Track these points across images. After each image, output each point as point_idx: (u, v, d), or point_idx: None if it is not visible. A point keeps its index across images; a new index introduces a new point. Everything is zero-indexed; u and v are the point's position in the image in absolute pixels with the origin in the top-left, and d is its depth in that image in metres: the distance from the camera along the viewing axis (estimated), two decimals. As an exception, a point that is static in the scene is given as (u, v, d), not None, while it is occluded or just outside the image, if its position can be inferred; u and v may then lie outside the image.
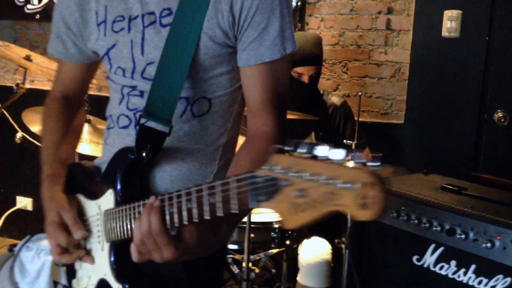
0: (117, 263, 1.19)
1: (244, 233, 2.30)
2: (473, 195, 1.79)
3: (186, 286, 1.26)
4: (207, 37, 1.15)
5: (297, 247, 2.61)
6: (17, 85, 2.69)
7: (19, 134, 3.54)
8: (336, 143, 2.76)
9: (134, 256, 1.02)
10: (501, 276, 1.54)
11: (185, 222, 0.94)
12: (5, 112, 3.50)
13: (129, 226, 1.10)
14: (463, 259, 1.63)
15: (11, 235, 3.95)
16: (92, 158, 1.68)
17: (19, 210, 3.96)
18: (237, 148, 1.28)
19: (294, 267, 2.62)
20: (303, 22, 3.31)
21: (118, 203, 1.17)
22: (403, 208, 1.77)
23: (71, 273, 1.36)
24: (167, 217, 0.97)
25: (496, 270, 1.55)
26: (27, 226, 3.91)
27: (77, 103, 1.45)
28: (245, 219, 2.28)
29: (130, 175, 1.19)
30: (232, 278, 3.11)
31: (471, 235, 1.60)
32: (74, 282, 1.34)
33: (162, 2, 1.18)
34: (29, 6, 3.90)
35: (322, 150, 0.70)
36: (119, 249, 1.19)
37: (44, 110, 1.42)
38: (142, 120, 1.18)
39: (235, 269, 2.55)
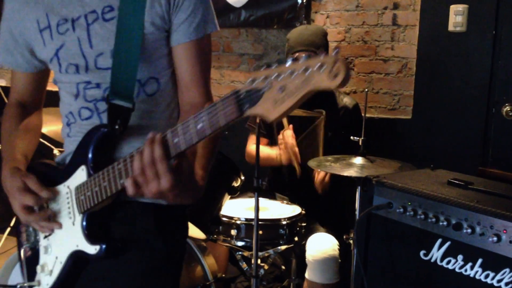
0: (91, 229, 1.34)
1: (252, 230, 2.32)
2: (479, 190, 1.79)
3: (158, 246, 1.41)
4: (149, 24, 1.37)
5: (305, 244, 2.62)
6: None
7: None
8: (345, 145, 2.76)
9: (130, 190, 1.14)
10: (507, 270, 1.54)
11: (184, 147, 1.09)
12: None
13: (107, 186, 1.25)
14: (469, 253, 1.63)
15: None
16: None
17: (31, 210, 3.99)
18: None
19: (303, 264, 2.63)
20: (309, 19, 3.32)
21: (90, 174, 1.33)
22: (409, 203, 1.78)
23: (31, 264, 1.49)
24: (170, 146, 1.11)
25: (502, 263, 1.55)
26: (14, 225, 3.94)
27: (33, 108, 1.59)
28: (253, 216, 2.30)
29: (101, 149, 1.36)
30: (241, 274, 3.13)
31: (478, 229, 1.61)
32: (38, 268, 1.46)
33: (102, 1, 1.37)
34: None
35: (288, 60, 0.96)
36: (92, 217, 1.35)
37: (3, 116, 1.56)
38: (111, 100, 1.36)
39: (244, 266, 2.57)
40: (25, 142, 1.51)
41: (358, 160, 2.43)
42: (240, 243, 2.47)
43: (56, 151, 3.39)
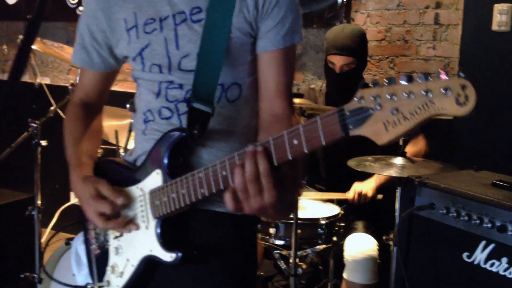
0: (166, 235, 1.31)
1: (291, 229, 2.32)
2: (525, 192, 1.75)
3: (235, 257, 1.38)
4: (236, 29, 1.33)
5: (343, 244, 2.61)
6: (72, 84, 2.78)
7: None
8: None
9: (230, 204, 1.10)
10: (555, 274, 1.51)
11: (275, 164, 1.05)
12: (60, 111, 3.63)
13: (185, 194, 1.22)
14: (515, 256, 1.61)
15: (65, 230, 4.09)
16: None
17: (73, 205, 4.09)
18: None
19: (341, 264, 2.63)
20: (348, 18, 3.30)
21: (166, 180, 1.30)
22: (452, 204, 1.76)
23: (103, 263, 1.46)
24: (274, 159, 1.06)
25: (550, 267, 1.52)
26: (80, 221, 4.04)
27: (96, 109, 1.59)
28: (292, 215, 2.30)
29: (177, 153, 1.32)
30: (279, 273, 3.14)
31: (524, 232, 1.58)
32: (108, 269, 1.44)
33: (191, 2, 1.35)
34: (81, 8, 4.04)
35: (402, 79, 0.90)
36: (166, 223, 1.32)
37: (66, 115, 1.56)
38: (191, 103, 1.32)
39: (282, 265, 2.57)
40: (92, 145, 1.50)
41: (399, 161, 2.41)
42: (278, 242, 2.47)
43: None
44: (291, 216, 2.31)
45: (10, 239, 2.90)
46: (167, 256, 1.29)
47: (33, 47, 2.92)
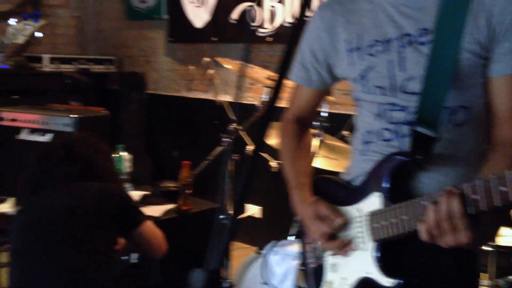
0: (385, 260, 1.29)
1: (487, 255, 2.20)
2: None
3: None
4: (466, 51, 1.27)
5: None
6: (262, 102, 2.91)
7: (250, 147, 3.83)
8: None
9: (423, 236, 1.13)
10: None
11: (484, 207, 1.03)
12: (240, 128, 3.81)
13: (407, 221, 1.20)
14: None
15: (242, 240, 4.29)
16: (324, 171, 1.80)
17: (250, 217, 4.30)
18: None
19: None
20: None
21: (386, 204, 1.29)
22: None
23: (318, 277, 1.48)
24: (468, 201, 1.06)
25: None
26: (256, 232, 4.22)
27: (308, 124, 1.64)
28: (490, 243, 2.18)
29: (398, 177, 1.30)
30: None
31: None
32: (325, 284, 1.45)
33: (417, 23, 1.31)
34: (260, 30, 4.29)
35: None
36: (385, 247, 1.30)
37: (281, 131, 1.61)
38: (414, 127, 1.30)
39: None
40: (307, 162, 1.57)
41: None
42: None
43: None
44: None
45: (200, 246, 3.10)
46: (386, 281, 1.26)
47: (228, 66, 3.14)
